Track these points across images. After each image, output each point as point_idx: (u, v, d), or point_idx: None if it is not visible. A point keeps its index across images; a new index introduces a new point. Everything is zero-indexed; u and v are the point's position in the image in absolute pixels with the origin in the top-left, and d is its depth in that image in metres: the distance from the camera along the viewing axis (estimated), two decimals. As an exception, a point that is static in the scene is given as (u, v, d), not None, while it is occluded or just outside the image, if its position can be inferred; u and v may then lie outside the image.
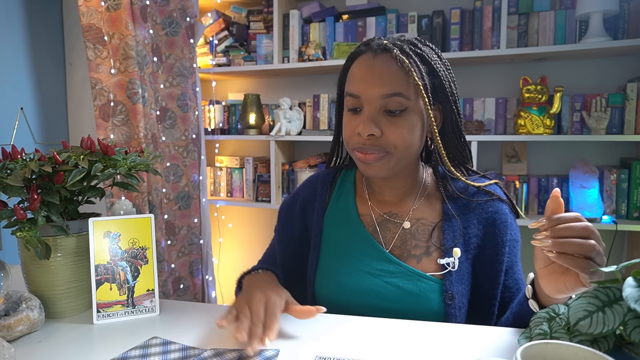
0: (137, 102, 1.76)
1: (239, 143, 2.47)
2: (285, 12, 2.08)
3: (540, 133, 1.75)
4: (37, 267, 0.75)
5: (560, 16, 1.76)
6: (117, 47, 1.74)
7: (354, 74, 0.78)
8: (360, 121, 0.75)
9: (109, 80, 1.76)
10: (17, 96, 2.03)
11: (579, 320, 0.50)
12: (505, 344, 0.66)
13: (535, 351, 0.46)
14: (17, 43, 2.03)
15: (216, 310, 0.80)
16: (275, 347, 0.65)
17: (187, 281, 2.07)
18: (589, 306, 0.51)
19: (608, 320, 0.48)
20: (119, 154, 0.80)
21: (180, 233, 2.02)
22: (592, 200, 1.68)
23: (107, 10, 1.72)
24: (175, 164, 2.00)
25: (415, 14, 1.92)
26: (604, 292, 0.51)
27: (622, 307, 0.48)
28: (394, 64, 0.74)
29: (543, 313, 0.61)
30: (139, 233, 0.79)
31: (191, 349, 0.65)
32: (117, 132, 1.78)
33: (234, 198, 2.27)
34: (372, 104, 0.74)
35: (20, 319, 0.68)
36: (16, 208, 0.69)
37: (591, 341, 0.51)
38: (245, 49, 2.20)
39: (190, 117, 2.03)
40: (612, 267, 0.52)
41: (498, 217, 0.81)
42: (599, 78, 1.87)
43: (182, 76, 2.00)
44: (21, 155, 0.76)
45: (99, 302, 0.76)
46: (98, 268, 0.76)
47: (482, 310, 0.81)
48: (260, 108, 2.17)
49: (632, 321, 0.47)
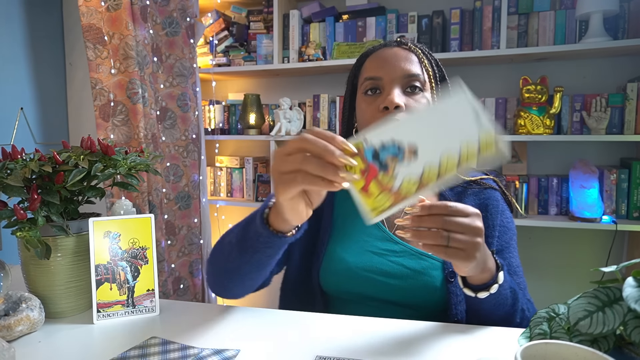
0: (137, 102, 1.76)
1: (239, 143, 2.47)
2: (285, 12, 2.08)
3: (540, 133, 1.75)
4: (37, 267, 0.75)
5: (560, 16, 1.76)
6: (117, 47, 1.74)
7: (373, 62, 0.85)
8: (385, 97, 0.80)
9: (109, 80, 1.76)
10: (17, 96, 2.03)
11: (579, 320, 0.50)
12: (505, 344, 0.66)
13: (535, 351, 0.46)
14: (17, 43, 2.03)
15: (216, 311, 0.80)
16: (236, 348, 0.65)
17: (187, 281, 2.07)
18: (589, 306, 0.51)
19: (608, 320, 0.48)
20: (119, 154, 0.80)
21: (180, 233, 2.02)
22: (592, 200, 1.68)
23: (107, 10, 1.73)
24: (175, 164, 2.00)
25: (415, 14, 1.92)
26: (604, 292, 0.51)
27: (622, 307, 0.48)
28: (410, 53, 0.84)
29: (543, 313, 0.61)
30: (139, 233, 0.79)
31: (190, 348, 0.65)
32: (117, 132, 1.78)
33: (234, 198, 2.27)
34: (394, 83, 0.81)
35: (20, 319, 0.68)
36: (16, 208, 0.69)
37: (591, 341, 0.51)
38: (245, 49, 2.20)
39: (190, 117, 2.03)
40: (612, 267, 0.52)
41: (490, 203, 0.86)
42: (599, 78, 1.87)
43: (182, 76, 2.00)
44: (21, 155, 0.76)
45: (99, 302, 0.76)
46: (98, 268, 0.76)
47: None
48: (260, 108, 2.17)
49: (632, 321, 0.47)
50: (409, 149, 0.53)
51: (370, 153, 0.54)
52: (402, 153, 0.53)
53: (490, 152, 0.52)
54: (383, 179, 0.54)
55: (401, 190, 0.54)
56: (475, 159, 0.52)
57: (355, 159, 0.54)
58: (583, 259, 1.95)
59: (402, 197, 0.54)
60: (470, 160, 0.52)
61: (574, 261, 1.96)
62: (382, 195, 0.54)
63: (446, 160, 0.53)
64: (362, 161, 0.54)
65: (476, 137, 0.52)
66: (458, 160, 0.53)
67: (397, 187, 0.54)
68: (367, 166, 0.54)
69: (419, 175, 0.53)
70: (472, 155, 0.52)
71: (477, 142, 0.52)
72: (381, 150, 0.54)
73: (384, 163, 0.54)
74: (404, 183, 0.54)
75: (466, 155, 0.53)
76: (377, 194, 0.54)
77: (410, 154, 0.53)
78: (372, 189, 0.54)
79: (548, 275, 1.98)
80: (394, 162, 0.53)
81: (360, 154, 0.54)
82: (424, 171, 0.53)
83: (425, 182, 0.53)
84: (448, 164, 0.53)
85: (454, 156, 0.53)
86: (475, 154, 0.52)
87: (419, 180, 0.53)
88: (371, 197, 0.54)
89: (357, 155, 0.54)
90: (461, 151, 0.52)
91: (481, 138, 0.52)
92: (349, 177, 0.54)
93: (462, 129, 0.53)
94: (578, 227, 1.70)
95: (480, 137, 0.52)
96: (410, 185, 0.53)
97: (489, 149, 0.52)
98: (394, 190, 0.54)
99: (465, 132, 0.53)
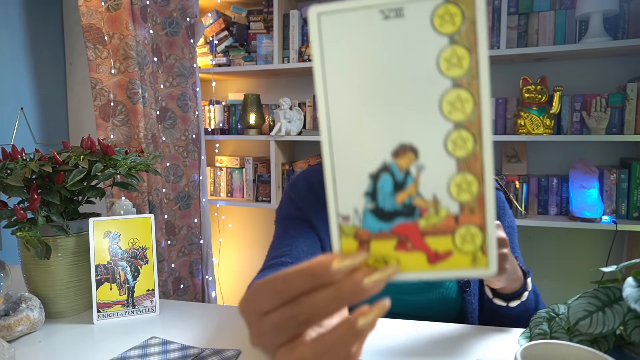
0: (137, 102, 1.76)
1: (239, 143, 2.47)
2: (286, 12, 2.08)
3: (540, 133, 1.75)
4: (37, 267, 0.75)
5: (560, 16, 1.76)
6: (117, 47, 1.74)
7: None
8: None
9: (109, 80, 1.76)
10: (17, 96, 2.03)
11: (579, 320, 0.50)
12: (505, 344, 0.66)
13: (535, 351, 0.46)
14: (18, 43, 2.03)
15: (216, 311, 0.80)
16: (236, 348, 0.65)
17: (187, 281, 2.07)
18: (589, 306, 0.51)
19: (608, 320, 0.48)
20: (119, 154, 0.80)
21: (180, 233, 2.02)
22: (592, 200, 1.68)
23: (107, 10, 1.73)
24: (175, 164, 2.00)
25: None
26: (604, 292, 0.51)
27: (622, 307, 0.48)
28: None
29: (543, 313, 0.61)
30: (139, 233, 0.79)
31: (190, 348, 0.65)
32: (117, 132, 1.78)
33: (234, 198, 2.27)
34: None
35: (20, 319, 0.68)
36: (16, 208, 0.69)
37: (591, 341, 0.51)
38: (245, 49, 2.20)
39: (190, 117, 2.03)
40: (612, 267, 0.52)
41: (497, 205, 0.84)
42: (599, 78, 1.87)
43: (182, 76, 2.00)
44: (21, 155, 0.76)
45: (99, 302, 0.76)
46: (98, 268, 0.76)
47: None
48: (260, 108, 2.17)
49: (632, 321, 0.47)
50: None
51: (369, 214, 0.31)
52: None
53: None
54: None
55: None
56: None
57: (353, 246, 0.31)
58: (583, 259, 1.95)
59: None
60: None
61: (574, 261, 1.96)
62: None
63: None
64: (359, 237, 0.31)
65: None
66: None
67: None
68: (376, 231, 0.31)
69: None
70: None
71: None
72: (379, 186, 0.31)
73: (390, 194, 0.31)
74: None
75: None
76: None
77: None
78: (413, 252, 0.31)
79: (548, 276, 1.98)
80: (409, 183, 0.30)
81: (357, 236, 0.31)
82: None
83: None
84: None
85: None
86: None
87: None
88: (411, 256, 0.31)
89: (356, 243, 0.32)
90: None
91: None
92: (350, 262, 0.30)
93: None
94: (578, 227, 1.70)
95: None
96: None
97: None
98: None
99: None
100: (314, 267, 0.29)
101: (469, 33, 0.31)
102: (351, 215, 0.31)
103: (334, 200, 0.31)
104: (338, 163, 0.31)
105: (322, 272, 0.29)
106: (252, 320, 0.32)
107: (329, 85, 0.30)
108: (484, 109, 0.29)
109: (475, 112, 0.29)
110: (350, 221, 0.31)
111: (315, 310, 0.29)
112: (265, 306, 0.30)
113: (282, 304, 0.30)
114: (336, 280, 0.29)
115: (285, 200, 0.88)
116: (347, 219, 0.31)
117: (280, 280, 0.30)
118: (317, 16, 0.30)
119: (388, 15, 0.29)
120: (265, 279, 0.31)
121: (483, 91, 0.30)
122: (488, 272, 0.30)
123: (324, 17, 0.30)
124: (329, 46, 0.30)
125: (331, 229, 0.31)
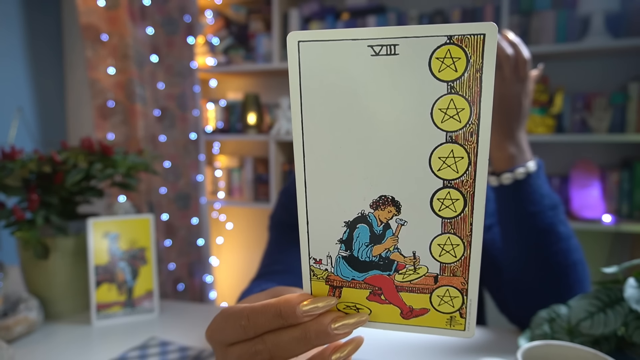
0: (136, 101, 1.75)
1: (238, 143, 2.47)
2: (285, 11, 2.08)
3: (541, 133, 1.74)
4: (36, 268, 0.75)
5: (561, 15, 1.76)
6: (116, 46, 1.74)
7: None
8: None
9: (108, 79, 1.75)
10: (15, 96, 2.03)
11: (580, 321, 0.50)
12: (506, 344, 0.66)
13: (536, 352, 0.46)
14: (16, 42, 2.03)
15: (215, 311, 0.80)
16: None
17: (187, 282, 2.06)
18: (590, 307, 0.51)
19: (609, 321, 0.48)
20: (118, 154, 0.79)
21: (180, 233, 2.02)
22: (593, 200, 1.68)
23: (106, 9, 1.72)
24: (174, 164, 2.00)
25: (415, 13, 1.92)
26: (605, 292, 0.51)
27: (624, 308, 0.48)
28: None
29: (544, 314, 0.61)
30: (138, 233, 0.78)
31: (189, 349, 0.65)
32: (116, 132, 1.78)
33: (233, 198, 2.27)
34: None
35: (18, 320, 0.68)
36: (15, 208, 0.68)
37: (592, 342, 0.51)
38: (245, 48, 2.19)
39: (190, 117, 2.03)
40: (614, 267, 0.52)
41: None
42: (601, 77, 1.86)
43: (182, 76, 1.99)
44: (20, 155, 0.75)
45: (98, 303, 0.75)
46: (97, 268, 0.76)
47: (491, 278, 0.78)
48: (259, 108, 2.17)
49: (633, 322, 0.47)
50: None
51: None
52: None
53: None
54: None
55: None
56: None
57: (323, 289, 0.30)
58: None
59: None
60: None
61: (575, 261, 1.95)
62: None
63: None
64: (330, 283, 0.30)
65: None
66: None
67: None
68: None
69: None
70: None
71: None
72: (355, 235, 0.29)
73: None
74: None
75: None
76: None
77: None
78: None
79: (549, 275, 1.98)
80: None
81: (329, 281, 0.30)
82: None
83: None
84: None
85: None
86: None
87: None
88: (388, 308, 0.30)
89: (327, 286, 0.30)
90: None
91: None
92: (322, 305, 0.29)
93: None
94: (579, 227, 1.70)
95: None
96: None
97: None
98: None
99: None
100: (280, 306, 0.28)
101: (473, 82, 0.25)
102: (324, 260, 0.30)
103: (307, 243, 0.30)
104: (312, 206, 0.29)
105: (288, 313, 0.28)
106: (217, 349, 0.32)
107: (306, 122, 0.27)
108: (479, 169, 0.26)
109: (469, 172, 0.26)
110: (323, 266, 0.30)
111: (278, 350, 0.28)
112: (230, 339, 0.30)
113: (246, 339, 0.29)
114: (303, 321, 0.28)
115: (278, 207, 0.88)
116: (319, 263, 0.30)
117: (245, 315, 0.29)
118: (296, 43, 0.26)
119: (378, 52, 0.25)
120: (233, 310, 0.30)
121: (481, 150, 0.26)
122: (465, 335, 0.29)
123: (304, 45, 0.26)
124: (307, 79, 0.26)
125: (303, 270, 0.30)
